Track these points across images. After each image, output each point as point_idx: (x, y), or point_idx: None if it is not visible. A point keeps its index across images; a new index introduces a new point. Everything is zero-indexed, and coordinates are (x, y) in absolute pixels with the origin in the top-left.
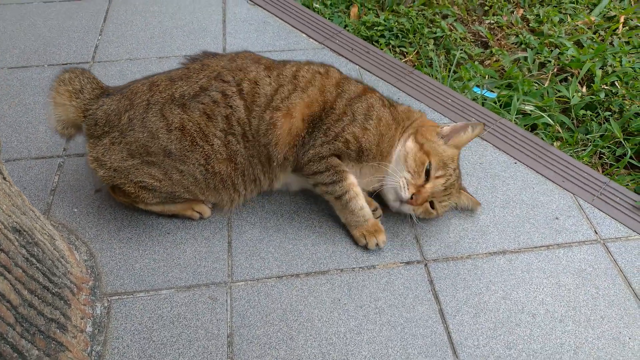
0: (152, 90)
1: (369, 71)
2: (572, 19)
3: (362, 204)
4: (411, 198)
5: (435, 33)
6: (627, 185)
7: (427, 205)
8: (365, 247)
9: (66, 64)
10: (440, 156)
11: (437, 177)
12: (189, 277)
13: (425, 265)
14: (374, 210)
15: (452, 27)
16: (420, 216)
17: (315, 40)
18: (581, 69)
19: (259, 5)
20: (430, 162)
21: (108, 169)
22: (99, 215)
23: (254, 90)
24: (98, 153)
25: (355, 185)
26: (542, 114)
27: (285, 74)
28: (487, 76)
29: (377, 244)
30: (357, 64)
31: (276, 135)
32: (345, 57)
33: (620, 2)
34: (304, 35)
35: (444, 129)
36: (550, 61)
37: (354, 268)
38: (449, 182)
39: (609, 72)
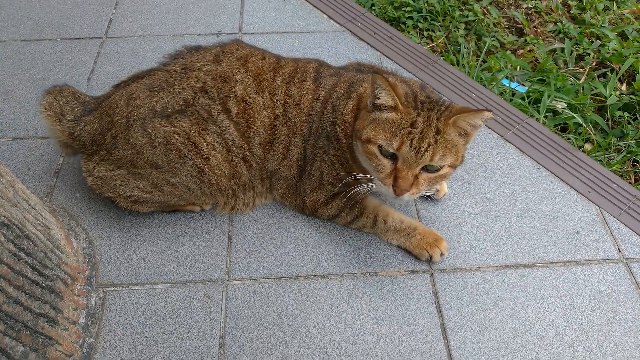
0: (130, 106)
1: (390, 58)
2: (618, 7)
3: (400, 217)
4: (395, 191)
5: (467, 17)
6: None
7: (421, 179)
8: (429, 261)
9: (79, 38)
10: (385, 129)
11: (399, 148)
12: (186, 273)
13: (432, 275)
14: None
15: (485, 11)
16: (431, 192)
17: (337, 22)
18: (622, 65)
19: None
20: (378, 145)
21: (96, 177)
22: (101, 201)
23: (246, 113)
24: (89, 167)
25: (379, 204)
26: (574, 114)
27: (277, 97)
28: (518, 67)
29: (441, 254)
30: (378, 50)
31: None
32: (367, 42)
33: None
34: (325, 16)
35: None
36: (589, 54)
37: (355, 274)
38: (417, 140)
39: None
